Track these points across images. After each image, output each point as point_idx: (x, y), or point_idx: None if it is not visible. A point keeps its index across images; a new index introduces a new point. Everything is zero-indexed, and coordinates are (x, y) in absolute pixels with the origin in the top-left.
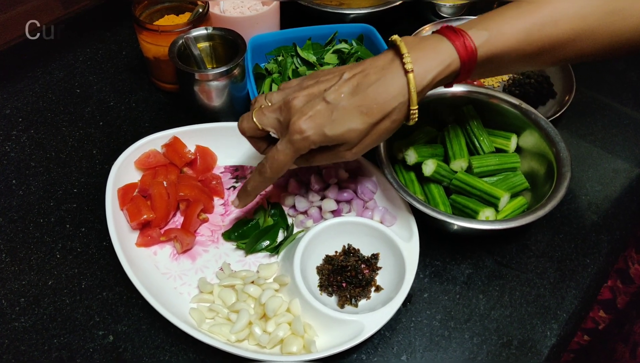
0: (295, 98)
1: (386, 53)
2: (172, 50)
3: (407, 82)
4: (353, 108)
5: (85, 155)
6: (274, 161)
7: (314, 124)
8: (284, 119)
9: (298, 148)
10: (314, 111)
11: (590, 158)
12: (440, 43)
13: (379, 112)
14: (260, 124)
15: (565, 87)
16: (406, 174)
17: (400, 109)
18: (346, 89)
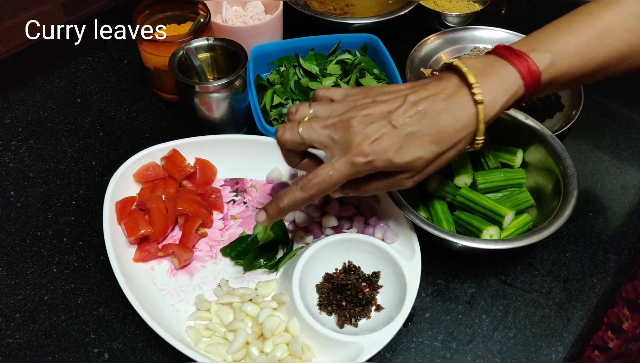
0: (354, 118)
1: (450, 78)
2: (172, 61)
3: (476, 113)
4: (423, 136)
5: (84, 166)
6: (326, 178)
7: (380, 149)
8: (340, 139)
9: (357, 171)
10: (380, 134)
11: (598, 173)
12: (505, 69)
13: (447, 142)
14: (308, 139)
15: (573, 99)
16: (409, 190)
17: (467, 139)
18: (413, 113)
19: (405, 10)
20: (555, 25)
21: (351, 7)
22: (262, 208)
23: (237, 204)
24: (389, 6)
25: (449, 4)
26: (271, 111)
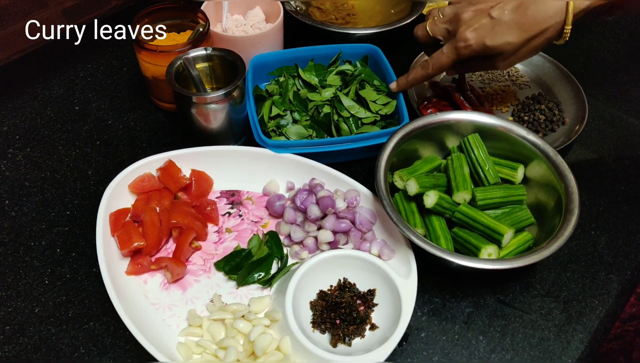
0: (465, 12)
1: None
2: (170, 71)
3: (567, 3)
4: (513, 24)
5: (80, 176)
6: (438, 60)
7: (477, 35)
8: (453, 29)
9: (460, 54)
10: (480, 24)
11: (601, 189)
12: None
13: (535, 29)
14: (432, 32)
15: (577, 113)
16: (407, 205)
17: (555, 28)
18: (510, 6)
19: (408, 20)
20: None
21: (353, 16)
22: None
23: (233, 217)
24: (391, 16)
25: None
26: (269, 122)
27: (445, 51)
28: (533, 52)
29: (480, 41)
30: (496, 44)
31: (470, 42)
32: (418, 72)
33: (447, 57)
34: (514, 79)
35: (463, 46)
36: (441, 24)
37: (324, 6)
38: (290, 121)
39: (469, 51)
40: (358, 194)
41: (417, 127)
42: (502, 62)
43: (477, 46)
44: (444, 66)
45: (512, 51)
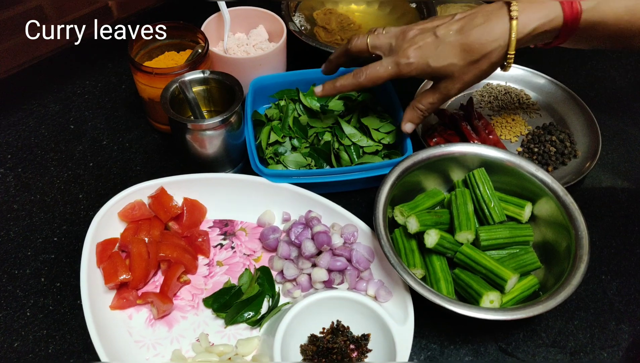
0: (411, 30)
1: (498, 2)
2: (165, 95)
3: (509, 28)
4: (457, 44)
5: (70, 199)
6: (374, 71)
7: (420, 53)
8: (396, 45)
9: (400, 71)
10: (424, 42)
11: (614, 229)
12: (550, 0)
13: (479, 52)
14: (372, 45)
15: (590, 146)
16: (407, 242)
17: (499, 52)
18: (455, 27)
19: None
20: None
21: None
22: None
23: (225, 249)
24: None
25: None
26: (267, 148)
27: (384, 63)
28: (479, 76)
29: (423, 61)
30: (439, 65)
31: (412, 61)
32: (348, 80)
33: (385, 70)
34: (525, 107)
35: (405, 62)
36: (384, 39)
37: (329, 26)
38: (289, 149)
39: (410, 69)
40: (356, 230)
41: (420, 160)
42: (451, 87)
43: (419, 64)
44: (379, 79)
45: (457, 73)
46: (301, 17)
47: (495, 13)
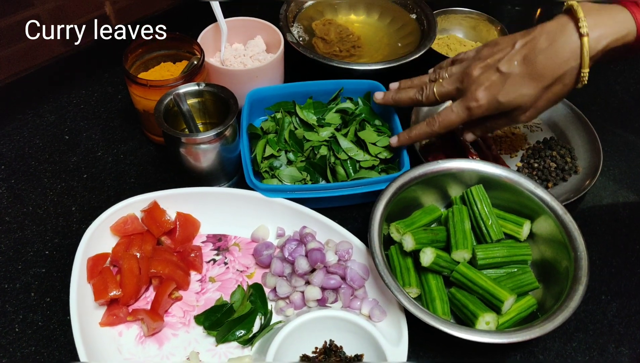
0: (474, 69)
1: (558, 18)
2: (159, 108)
3: (580, 46)
4: (525, 75)
5: (63, 212)
6: (446, 118)
7: (489, 94)
8: (462, 87)
9: (472, 114)
10: (490, 82)
11: (614, 246)
12: (620, 13)
13: (550, 77)
14: (440, 96)
15: (591, 161)
16: (402, 260)
17: (571, 73)
18: (518, 58)
19: (415, 56)
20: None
21: (358, 48)
22: (397, 134)
23: (218, 265)
24: (398, 49)
25: (462, 48)
26: (262, 162)
27: (454, 109)
28: (553, 100)
29: (493, 99)
30: (509, 99)
31: (482, 102)
32: (422, 129)
33: (457, 115)
34: None
35: (475, 105)
36: (449, 86)
37: (328, 37)
38: (284, 162)
39: (482, 110)
40: (351, 247)
41: (417, 177)
42: (522, 115)
43: (490, 104)
44: (452, 125)
45: (529, 103)
46: (300, 27)
47: (559, 33)
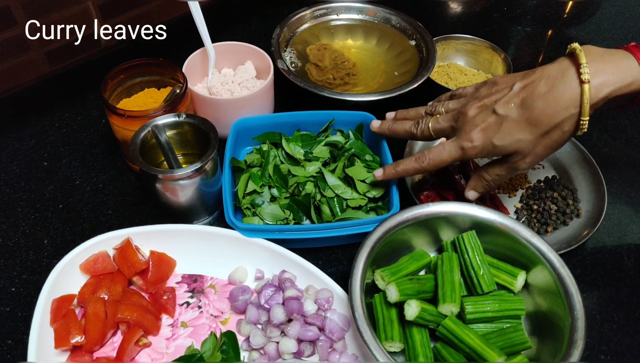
0: (470, 109)
1: (560, 61)
2: (135, 141)
3: (580, 93)
4: (522, 120)
5: (34, 245)
6: (437, 156)
7: (484, 136)
8: (457, 125)
9: (465, 154)
10: (486, 124)
11: (617, 300)
12: (625, 59)
13: (547, 124)
14: (435, 133)
15: (595, 204)
16: (386, 311)
17: (571, 120)
18: (516, 101)
19: (412, 86)
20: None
21: (353, 76)
22: (383, 167)
23: (191, 308)
24: (395, 78)
25: (464, 78)
26: (244, 198)
27: (447, 147)
28: (553, 147)
29: (488, 141)
30: (505, 143)
31: (477, 143)
32: (410, 164)
33: (449, 154)
34: None
35: (469, 146)
36: (444, 123)
37: (322, 63)
38: (267, 199)
39: (475, 151)
40: (331, 296)
41: (406, 220)
42: (521, 162)
43: (484, 146)
44: (442, 164)
45: (526, 149)
46: (293, 52)
47: (560, 77)
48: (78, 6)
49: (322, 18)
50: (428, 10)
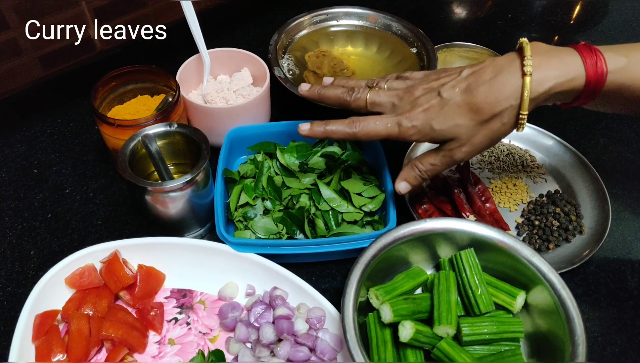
0: (416, 89)
1: (509, 54)
2: (124, 152)
3: (522, 85)
4: (463, 104)
5: (20, 256)
6: (372, 125)
7: (425, 117)
8: (399, 104)
9: (401, 132)
10: (429, 104)
11: (620, 321)
12: (569, 55)
13: (488, 111)
14: (371, 103)
15: (598, 220)
16: (380, 331)
17: (511, 111)
18: (462, 85)
19: None
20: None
21: None
22: (311, 121)
23: (179, 325)
24: None
25: None
26: (236, 211)
27: (385, 120)
28: (491, 138)
29: (427, 123)
30: (443, 128)
31: (416, 123)
32: (341, 126)
33: (385, 128)
34: (529, 170)
35: (408, 125)
36: (386, 97)
37: (320, 71)
38: (259, 212)
39: (412, 131)
40: (324, 315)
41: (402, 236)
42: (458, 150)
43: (422, 127)
44: (376, 135)
45: (464, 136)
46: (291, 59)
47: (505, 68)
48: (73, 9)
49: (322, 24)
50: (430, 16)
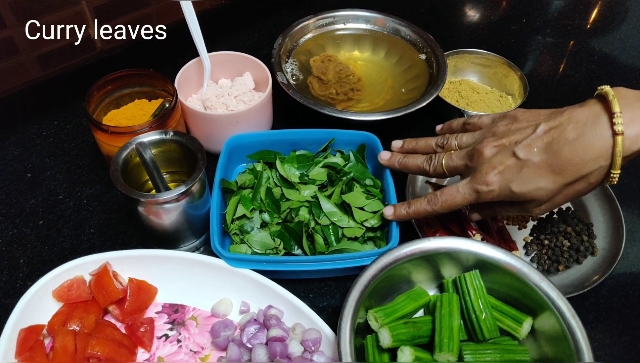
0: (486, 147)
1: (591, 105)
2: (116, 161)
3: (613, 145)
4: (544, 166)
5: (9, 265)
6: (451, 198)
7: (501, 179)
8: (472, 165)
9: (479, 197)
10: (504, 166)
11: (632, 351)
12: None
13: (573, 173)
14: (448, 170)
15: (612, 242)
16: (378, 356)
17: (599, 172)
18: (539, 144)
19: (420, 105)
20: None
21: (357, 92)
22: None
23: (170, 342)
24: (401, 95)
25: (476, 96)
26: (232, 223)
27: (461, 190)
28: (573, 197)
29: (505, 186)
30: (524, 191)
31: (493, 188)
32: (421, 206)
33: (463, 198)
34: None
35: (485, 190)
36: (458, 160)
37: (325, 76)
38: (257, 225)
39: (491, 196)
40: (320, 337)
41: (404, 256)
42: (536, 208)
43: (501, 191)
44: (456, 207)
45: (546, 197)
46: (295, 63)
47: (592, 125)
48: (72, 8)
49: (328, 27)
50: (441, 19)
